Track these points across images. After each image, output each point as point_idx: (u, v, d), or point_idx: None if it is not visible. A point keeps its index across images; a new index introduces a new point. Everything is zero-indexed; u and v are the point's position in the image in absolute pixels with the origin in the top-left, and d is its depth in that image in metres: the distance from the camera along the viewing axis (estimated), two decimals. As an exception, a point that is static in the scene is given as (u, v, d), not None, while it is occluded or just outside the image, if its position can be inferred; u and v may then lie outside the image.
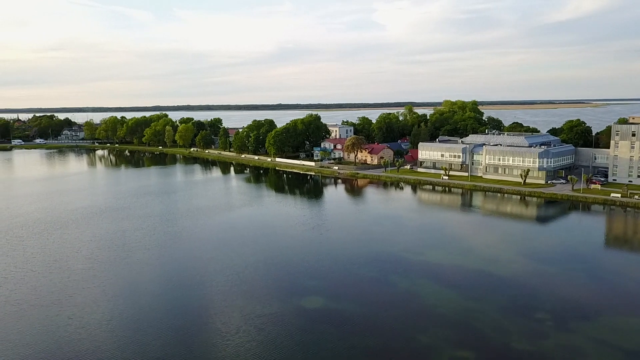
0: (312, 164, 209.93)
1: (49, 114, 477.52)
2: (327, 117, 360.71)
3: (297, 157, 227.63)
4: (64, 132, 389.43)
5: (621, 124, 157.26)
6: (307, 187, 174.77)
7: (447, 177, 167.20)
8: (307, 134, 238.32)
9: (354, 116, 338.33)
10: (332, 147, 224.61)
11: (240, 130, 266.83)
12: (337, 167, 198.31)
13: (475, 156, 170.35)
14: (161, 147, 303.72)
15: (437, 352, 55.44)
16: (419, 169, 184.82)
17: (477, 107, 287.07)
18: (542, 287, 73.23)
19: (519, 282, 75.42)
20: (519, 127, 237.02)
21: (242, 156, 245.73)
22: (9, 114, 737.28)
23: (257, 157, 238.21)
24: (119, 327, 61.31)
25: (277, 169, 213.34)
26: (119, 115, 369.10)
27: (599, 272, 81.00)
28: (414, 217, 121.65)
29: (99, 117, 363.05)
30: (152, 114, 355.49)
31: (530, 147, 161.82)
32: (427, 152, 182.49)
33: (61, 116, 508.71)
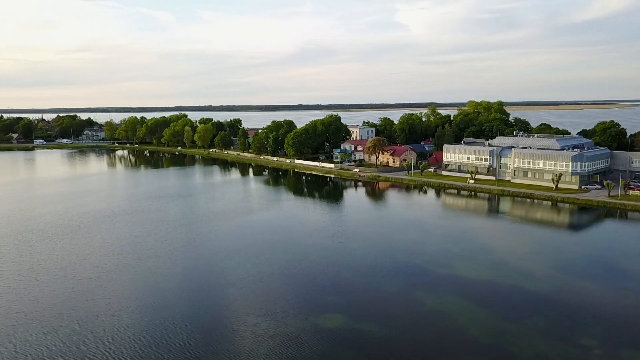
0: (332, 166, 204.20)
1: (71, 114, 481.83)
2: (347, 118, 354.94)
3: (316, 159, 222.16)
4: (85, 132, 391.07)
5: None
6: (327, 190, 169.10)
7: (473, 181, 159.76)
8: (327, 135, 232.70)
9: (374, 117, 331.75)
10: (353, 149, 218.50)
11: (259, 131, 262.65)
12: (357, 170, 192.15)
13: (503, 159, 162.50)
14: (180, 148, 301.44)
15: (471, 384, 49.19)
16: (443, 172, 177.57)
17: (502, 107, 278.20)
18: (585, 307, 66.21)
19: (558, 301, 68.44)
20: (548, 129, 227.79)
21: (261, 157, 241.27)
22: (34, 114, 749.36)
23: (275, 158, 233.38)
24: (120, 347, 56.44)
25: (295, 170, 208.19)
26: (141, 115, 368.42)
27: (647, 290, 73.51)
28: (440, 224, 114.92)
29: (122, 117, 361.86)
30: (172, 114, 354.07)
31: (562, 150, 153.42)
32: (452, 154, 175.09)
33: (86, 116, 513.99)
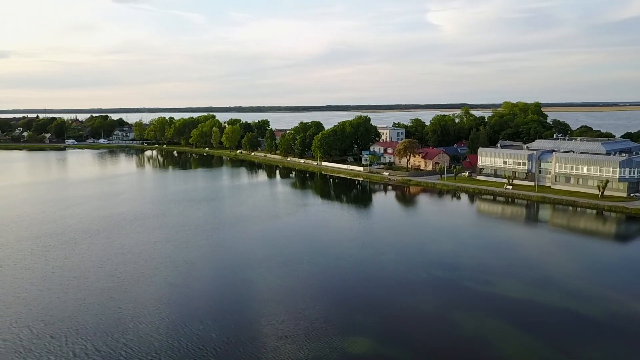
0: (361, 168, 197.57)
1: (103, 115, 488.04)
2: (376, 119, 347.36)
3: (344, 161, 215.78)
4: (115, 133, 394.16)
5: None
6: (355, 195, 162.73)
7: (510, 187, 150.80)
8: (355, 137, 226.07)
9: (404, 118, 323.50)
10: (382, 151, 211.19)
11: (286, 132, 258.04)
12: (387, 173, 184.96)
13: (542, 164, 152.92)
14: (208, 149, 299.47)
15: None
16: (478, 177, 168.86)
17: (540, 109, 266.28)
18: (649, 337, 58.13)
19: (618, 329, 60.46)
20: (590, 132, 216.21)
21: (288, 159, 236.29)
22: (69, 114, 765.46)
23: (302, 160, 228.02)
24: (127, 370, 51.52)
25: (323, 173, 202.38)
26: (173, 115, 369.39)
27: None
28: (476, 234, 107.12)
29: (153, 118, 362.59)
30: (200, 114, 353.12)
31: (608, 154, 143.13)
32: (488, 158, 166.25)
33: (120, 116, 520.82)
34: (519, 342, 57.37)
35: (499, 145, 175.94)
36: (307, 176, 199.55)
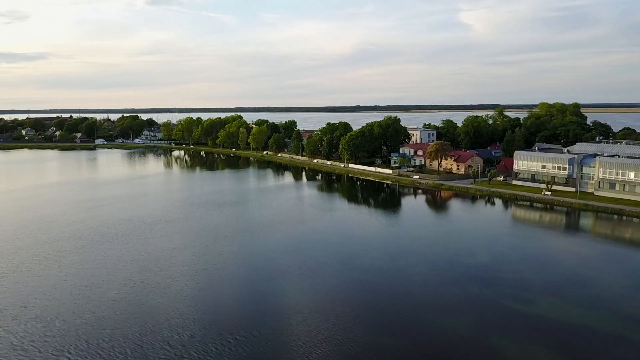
0: (389, 171, 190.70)
1: (134, 115, 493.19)
2: (405, 119, 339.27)
3: (372, 164, 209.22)
4: (143, 133, 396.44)
5: None
6: (383, 199, 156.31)
7: (549, 193, 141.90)
8: (384, 138, 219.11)
9: (435, 118, 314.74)
10: (412, 153, 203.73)
11: (313, 133, 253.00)
12: (417, 176, 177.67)
13: (584, 169, 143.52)
14: (234, 149, 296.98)
15: None
16: (514, 181, 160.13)
17: (579, 110, 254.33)
18: None
19: (683, 362, 52.89)
20: (634, 134, 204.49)
21: (314, 161, 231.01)
22: (102, 113, 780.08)
23: (329, 162, 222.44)
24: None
25: (350, 175, 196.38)
26: (203, 116, 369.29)
27: None
28: (514, 245, 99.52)
29: (183, 118, 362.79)
30: (227, 115, 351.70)
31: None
32: (525, 161, 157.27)
33: (152, 116, 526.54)
34: (569, 375, 50.49)
35: (536, 148, 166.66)
36: (334, 178, 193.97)
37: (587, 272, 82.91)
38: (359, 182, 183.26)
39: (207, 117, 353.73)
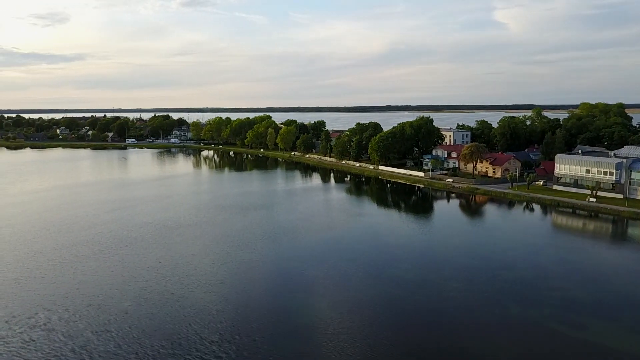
0: (421, 174, 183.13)
1: (165, 114, 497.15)
2: (437, 119, 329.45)
3: (403, 166, 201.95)
4: (173, 132, 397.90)
5: None
6: (415, 203, 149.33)
7: (594, 199, 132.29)
8: (416, 139, 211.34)
9: (467, 119, 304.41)
10: (446, 155, 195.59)
11: (342, 134, 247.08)
12: (451, 180, 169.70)
13: (634, 174, 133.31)
14: (263, 150, 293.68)
15: None
16: (555, 186, 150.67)
17: (623, 110, 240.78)
18: None
19: None
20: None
21: (343, 162, 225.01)
22: (135, 113, 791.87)
23: (358, 164, 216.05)
24: None
25: (380, 178, 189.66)
26: (236, 116, 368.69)
27: None
28: (558, 257, 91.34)
29: (213, 117, 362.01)
30: (258, 115, 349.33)
31: None
32: (567, 165, 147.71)
33: (185, 116, 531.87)
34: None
35: (579, 151, 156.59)
36: (363, 181, 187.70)
37: (642, 290, 74.61)
38: (388, 185, 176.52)
39: (239, 116, 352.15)
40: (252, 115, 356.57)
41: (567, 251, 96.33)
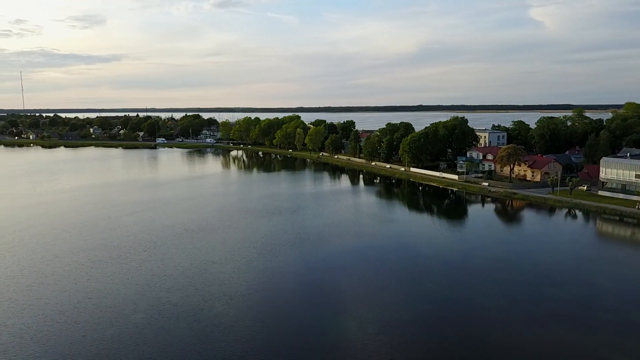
0: (455, 177, 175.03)
1: (195, 114, 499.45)
2: (471, 119, 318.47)
3: (435, 168, 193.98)
4: (202, 132, 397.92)
5: None
6: (448, 208, 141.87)
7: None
8: (449, 140, 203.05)
9: (502, 119, 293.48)
10: (481, 158, 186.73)
11: (371, 134, 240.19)
12: (487, 184, 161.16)
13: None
14: (291, 150, 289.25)
15: None
16: (600, 192, 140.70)
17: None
18: None
19: None
20: None
21: (372, 164, 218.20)
22: (167, 112, 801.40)
23: (388, 165, 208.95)
24: None
25: (411, 180, 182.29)
26: (266, 116, 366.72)
27: None
28: (609, 273, 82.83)
29: (244, 117, 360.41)
30: (288, 114, 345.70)
31: None
32: (614, 170, 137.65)
33: (214, 115, 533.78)
34: None
35: (627, 154, 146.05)
36: (393, 183, 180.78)
37: None
38: (420, 188, 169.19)
39: (268, 117, 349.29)
40: (282, 115, 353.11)
41: (620, 266, 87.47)
